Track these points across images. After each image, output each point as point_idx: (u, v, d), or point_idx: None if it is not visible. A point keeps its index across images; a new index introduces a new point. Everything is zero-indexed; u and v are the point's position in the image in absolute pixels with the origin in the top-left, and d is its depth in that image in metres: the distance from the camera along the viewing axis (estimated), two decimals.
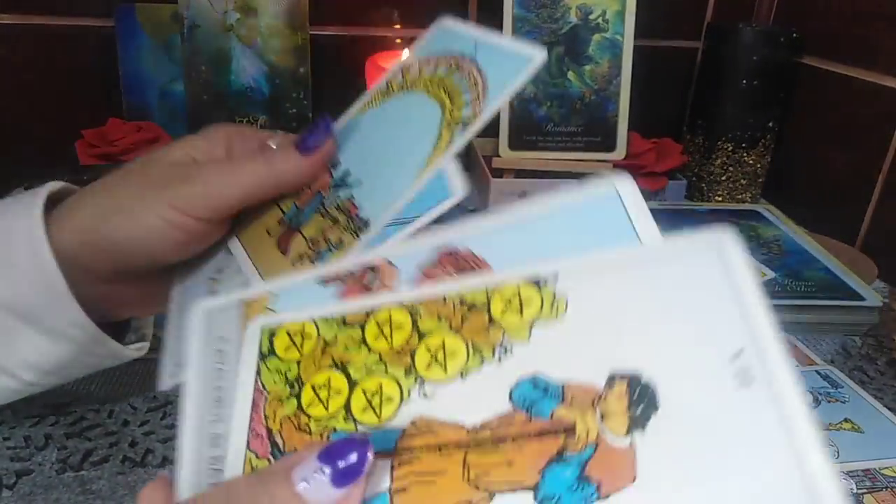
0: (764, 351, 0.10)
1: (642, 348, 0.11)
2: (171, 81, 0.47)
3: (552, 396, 0.11)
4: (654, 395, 0.10)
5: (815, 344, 0.32)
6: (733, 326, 0.10)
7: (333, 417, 0.12)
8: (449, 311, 0.12)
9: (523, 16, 0.44)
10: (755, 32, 0.44)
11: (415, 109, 0.18)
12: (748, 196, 0.48)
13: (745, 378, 0.10)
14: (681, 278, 0.11)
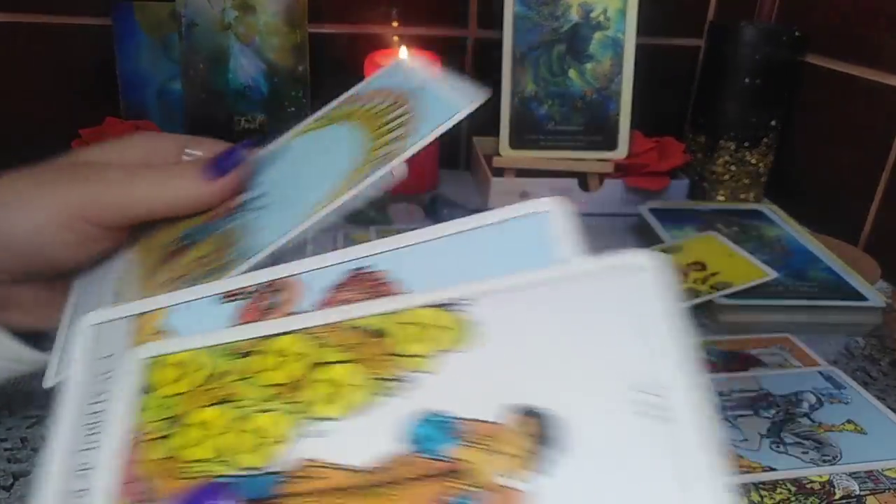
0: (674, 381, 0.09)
1: (549, 380, 0.10)
2: (169, 80, 0.46)
3: (449, 434, 0.10)
4: (557, 431, 0.10)
5: (818, 344, 0.32)
6: (643, 356, 0.10)
7: (211, 461, 0.11)
8: (349, 340, 0.11)
9: (524, 13, 0.44)
10: (758, 30, 0.44)
11: (342, 141, 0.18)
12: (751, 195, 0.48)
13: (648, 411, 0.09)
14: (596, 303, 0.11)
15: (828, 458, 0.24)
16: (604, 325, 0.11)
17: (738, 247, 0.37)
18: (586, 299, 0.11)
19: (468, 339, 0.11)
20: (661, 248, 0.38)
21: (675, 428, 0.09)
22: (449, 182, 0.51)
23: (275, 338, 0.12)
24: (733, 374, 0.29)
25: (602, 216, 0.46)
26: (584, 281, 0.11)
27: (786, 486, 0.23)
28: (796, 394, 0.28)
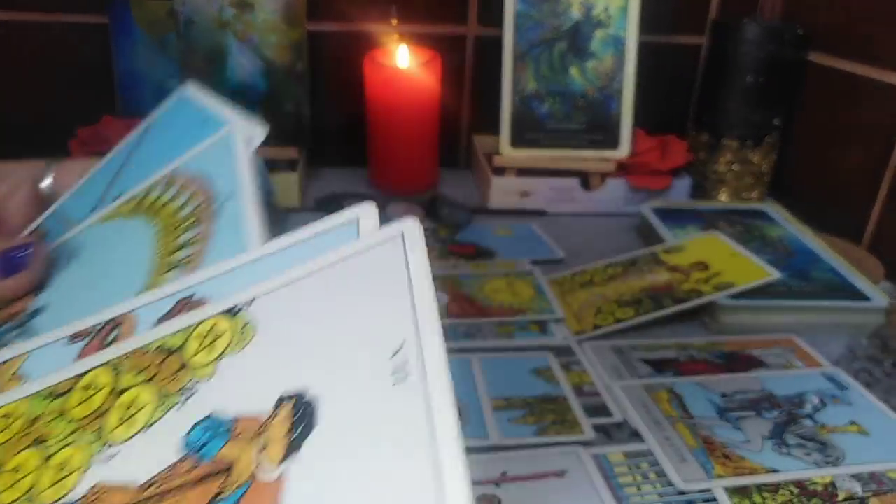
0: (421, 343, 0.10)
1: (314, 361, 0.10)
2: (167, 78, 0.46)
3: (222, 434, 0.11)
4: (314, 412, 0.10)
5: (821, 345, 0.32)
6: (400, 321, 0.10)
7: (19, 500, 0.11)
8: (148, 362, 0.12)
9: (525, 11, 0.43)
10: (760, 29, 0.43)
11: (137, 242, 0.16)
12: (754, 195, 0.48)
13: (401, 374, 0.10)
14: (363, 276, 0.11)
15: (831, 459, 0.24)
16: (365, 300, 0.11)
17: (740, 247, 0.36)
18: (350, 279, 0.11)
19: (245, 339, 0.11)
20: (664, 248, 0.38)
21: (417, 386, 0.09)
22: (449, 181, 0.51)
23: (84, 374, 0.12)
24: (736, 374, 0.29)
25: (604, 216, 0.46)
26: (347, 263, 0.12)
27: (788, 487, 0.23)
28: (799, 395, 0.28)
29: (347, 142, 0.51)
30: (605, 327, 0.31)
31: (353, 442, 0.09)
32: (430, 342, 0.10)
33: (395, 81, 0.44)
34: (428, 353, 0.10)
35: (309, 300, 0.11)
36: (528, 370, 0.28)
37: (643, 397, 0.27)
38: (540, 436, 0.24)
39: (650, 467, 0.23)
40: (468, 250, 0.39)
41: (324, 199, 0.45)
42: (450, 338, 0.34)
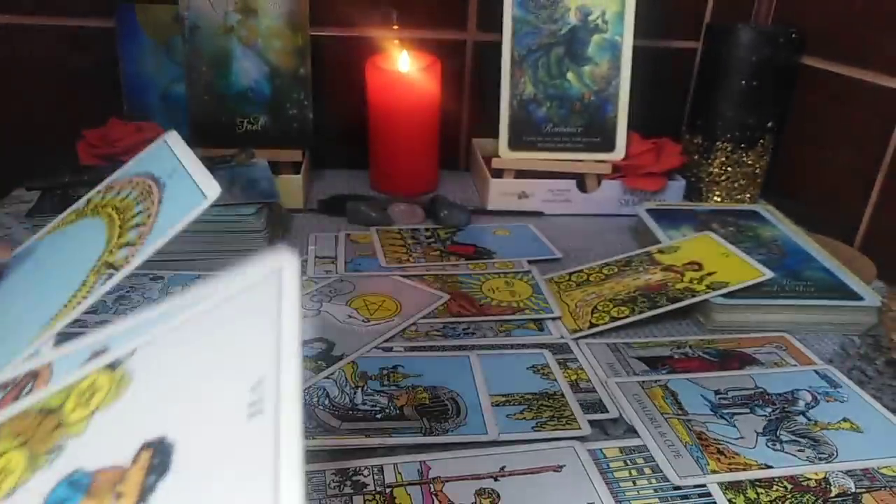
0: (279, 379, 0.10)
1: (177, 406, 0.11)
2: (172, 82, 0.47)
3: (81, 490, 0.10)
4: (170, 455, 0.10)
5: (814, 343, 0.32)
6: (261, 357, 0.10)
7: None
8: (27, 424, 0.12)
9: (523, 17, 0.44)
10: (754, 33, 0.44)
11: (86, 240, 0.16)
12: (747, 196, 0.48)
13: (256, 408, 0.10)
14: (237, 316, 0.11)
15: (824, 455, 0.25)
16: (231, 340, 0.11)
17: (734, 247, 0.37)
18: (222, 321, 0.11)
19: (120, 391, 0.11)
20: (658, 248, 0.38)
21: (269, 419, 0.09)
22: (449, 183, 0.52)
23: None
24: (729, 372, 0.29)
25: (600, 216, 0.47)
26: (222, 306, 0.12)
27: (782, 483, 0.23)
28: (792, 392, 0.28)
29: (350, 144, 0.51)
30: (601, 325, 0.32)
31: (203, 478, 0.10)
32: (287, 377, 0.10)
33: (397, 85, 0.45)
34: (284, 386, 0.09)
35: (180, 346, 0.12)
36: (526, 367, 0.29)
37: (639, 394, 0.27)
38: (537, 431, 0.25)
39: (645, 462, 0.24)
40: (467, 250, 0.40)
41: (327, 200, 0.46)
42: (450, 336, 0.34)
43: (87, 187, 0.36)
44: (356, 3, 0.48)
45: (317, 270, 0.36)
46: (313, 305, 0.33)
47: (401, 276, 0.36)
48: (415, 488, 0.22)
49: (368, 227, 0.42)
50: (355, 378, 0.27)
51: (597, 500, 0.22)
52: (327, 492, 0.22)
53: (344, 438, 0.24)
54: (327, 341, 0.30)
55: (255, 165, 0.41)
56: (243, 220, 0.35)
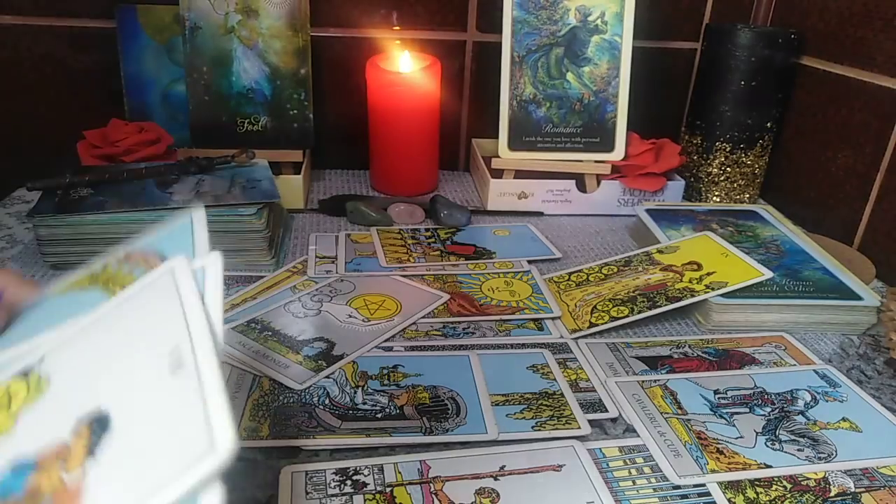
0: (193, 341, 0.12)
1: (103, 383, 0.12)
2: (173, 82, 0.47)
3: (24, 473, 0.11)
4: (107, 419, 0.11)
5: (814, 343, 0.32)
6: (175, 329, 0.12)
7: None
8: None
9: (523, 17, 0.44)
10: (753, 33, 0.44)
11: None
12: (746, 196, 0.48)
13: (177, 365, 0.11)
14: (140, 307, 0.13)
15: (823, 455, 0.25)
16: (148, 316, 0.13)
17: (733, 247, 0.37)
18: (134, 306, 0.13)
19: (41, 390, 0.12)
20: (658, 248, 0.38)
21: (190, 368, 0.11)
22: (449, 183, 0.52)
23: None
24: (728, 371, 0.29)
25: (599, 216, 0.47)
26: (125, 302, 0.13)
27: (781, 483, 0.23)
28: (792, 392, 0.28)
29: (350, 144, 0.51)
30: (601, 325, 0.32)
31: (142, 425, 0.11)
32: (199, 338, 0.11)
33: (397, 86, 0.45)
34: (199, 345, 0.11)
35: (94, 339, 0.13)
36: (526, 367, 0.29)
37: (638, 393, 0.27)
38: (537, 431, 0.25)
39: (645, 462, 0.24)
40: (467, 250, 0.40)
41: (327, 200, 0.46)
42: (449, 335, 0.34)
43: (88, 187, 0.36)
44: (356, 4, 0.48)
45: (317, 270, 0.36)
46: (314, 305, 0.33)
47: (401, 276, 0.36)
48: (415, 487, 0.22)
49: (368, 227, 0.43)
50: (355, 377, 0.27)
51: (596, 500, 0.22)
52: (328, 491, 0.22)
53: (344, 438, 0.24)
54: (328, 341, 0.30)
55: (256, 166, 0.41)
56: (244, 220, 0.35)
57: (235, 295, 0.33)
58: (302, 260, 0.38)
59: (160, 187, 0.37)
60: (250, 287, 0.34)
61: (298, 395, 0.26)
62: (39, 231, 0.34)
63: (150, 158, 0.42)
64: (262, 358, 0.28)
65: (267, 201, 0.36)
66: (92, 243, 0.34)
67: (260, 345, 0.29)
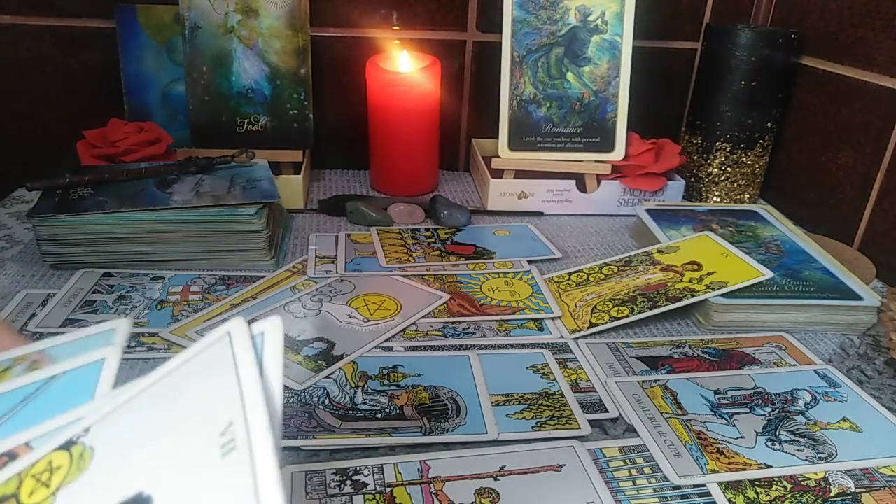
0: (247, 419, 0.11)
1: (148, 463, 0.11)
2: (173, 82, 0.47)
3: None
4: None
5: (814, 343, 0.32)
6: (229, 405, 0.11)
7: None
8: None
9: (523, 17, 0.44)
10: (753, 33, 0.44)
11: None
12: (746, 196, 0.48)
13: (227, 448, 0.10)
14: (193, 377, 0.12)
15: (823, 455, 0.25)
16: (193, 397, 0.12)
17: (733, 247, 0.37)
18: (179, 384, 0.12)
19: (84, 465, 0.12)
20: (658, 248, 0.38)
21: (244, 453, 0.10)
22: (449, 183, 0.52)
23: None
24: (729, 371, 0.29)
25: (599, 216, 0.47)
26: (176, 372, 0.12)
27: (781, 483, 0.23)
28: (792, 392, 0.28)
29: (350, 144, 0.51)
30: (601, 325, 0.32)
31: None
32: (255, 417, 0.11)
33: (397, 86, 0.45)
34: (253, 426, 0.10)
35: (141, 412, 0.12)
36: (526, 367, 0.29)
37: (638, 393, 0.27)
38: (537, 431, 0.25)
39: (645, 462, 0.24)
40: (467, 250, 0.40)
41: (327, 200, 0.46)
42: (449, 336, 0.34)
43: (88, 187, 0.36)
44: (356, 4, 0.48)
45: (317, 270, 0.36)
46: (314, 305, 0.33)
47: (401, 276, 0.36)
48: (415, 488, 0.22)
49: (368, 227, 0.42)
50: (355, 378, 0.27)
51: (596, 500, 0.22)
52: (327, 491, 0.22)
53: (344, 438, 0.24)
54: (328, 341, 0.30)
55: (256, 165, 0.41)
56: (244, 220, 0.35)
57: (235, 295, 0.33)
58: (302, 260, 0.37)
59: (160, 187, 0.37)
60: (250, 287, 0.34)
61: (298, 395, 0.26)
62: (39, 231, 0.34)
63: (149, 158, 0.42)
64: None
65: (267, 201, 0.36)
66: (92, 243, 0.34)
67: None
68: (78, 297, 0.32)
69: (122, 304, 0.32)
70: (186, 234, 0.35)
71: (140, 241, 0.35)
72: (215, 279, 0.35)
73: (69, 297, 0.32)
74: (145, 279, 0.34)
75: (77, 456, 0.12)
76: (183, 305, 0.32)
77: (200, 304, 0.32)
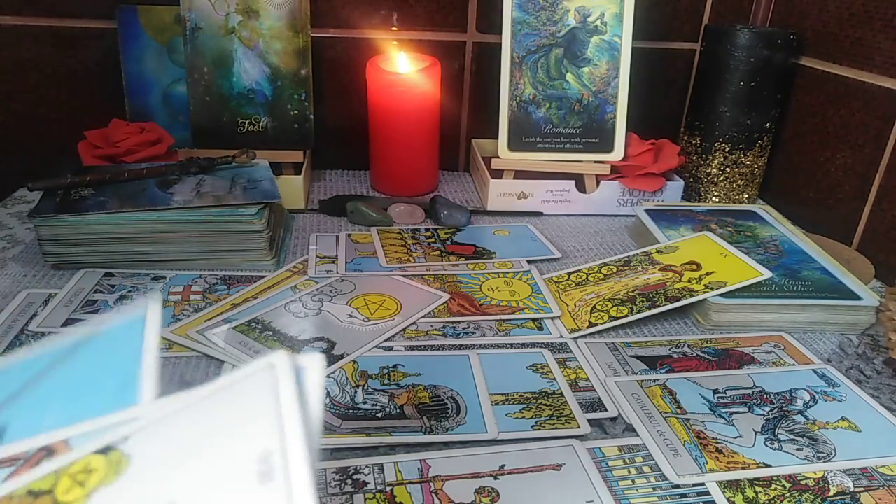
0: (286, 450, 0.11)
1: (184, 479, 0.11)
2: (174, 83, 0.47)
3: None
4: None
5: (813, 343, 0.32)
6: (269, 433, 0.11)
7: None
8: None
9: (522, 18, 0.45)
10: (752, 34, 0.44)
11: None
12: (745, 196, 0.49)
13: (266, 476, 0.11)
14: (235, 400, 0.12)
15: (822, 454, 0.25)
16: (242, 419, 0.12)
17: (732, 247, 0.37)
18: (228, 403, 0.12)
19: (120, 471, 0.12)
20: (657, 248, 0.38)
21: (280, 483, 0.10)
22: (449, 183, 0.52)
23: None
24: (727, 371, 0.30)
25: (599, 217, 0.47)
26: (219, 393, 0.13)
27: (780, 482, 0.23)
28: (791, 391, 0.28)
29: (350, 145, 0.52)
30: (600, 325, 0.32)
31: None
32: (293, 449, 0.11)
33: (397, 86, 0.45)
34: (292, 456, 0.11)
35: (180, 429, 0.12)
36: (526, 366, 0.29)
37: (637, 393, 0.28)
38: (537, 430, 0.25)
39: (644, 461, 0.24)
40: (467, 250, 0.40)
41: (327, 200, 0.46)
42: (449, 335, 0.34)
43: (89, 188, 0.36)
44: (357, 5, 0.48)
45: (318, 270, 0.36)
46: (314, 305, 0.33)
47: (401, 275, 0.36)
48: (415, 487, 0.22)
49: (369, 227, 0.43)
50: (356, 377, 0.28)
51: (596, 499, 0.22)
52: (328, 490, 0.22)
53: (344, 437, 0.24)
54: (328, 340, 0.30)
55: (257, 166, 0.41)
56: (244, 221, 0.35)
57: (236, 295, 0.33)
58: (302, 260, 0.38)
59: (161, 187, 0.37)
60: (251, 287, 0.34)
61: None
62: (40, 231, 0.34)
63: (151, 159, 0.42)
64: None
65: (267, 201, 0.36)
66: (93, 243, 0.34)
67: (260, 344, 0.29)
68: (79, 297, 0.32)
69: (123, 304, 0.32)
70: (187, 235, 0.35)
71: (141, 241, 0.35)
72: (216, 279, 0.35)
73: (70, 297, 0.32)
74: (146, 279, 0.34)
75: (115, 462, 0.12)
76: (184, 305, 0.32)
77: (201, 304, 0.32)
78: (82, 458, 0.12)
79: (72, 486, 0.12)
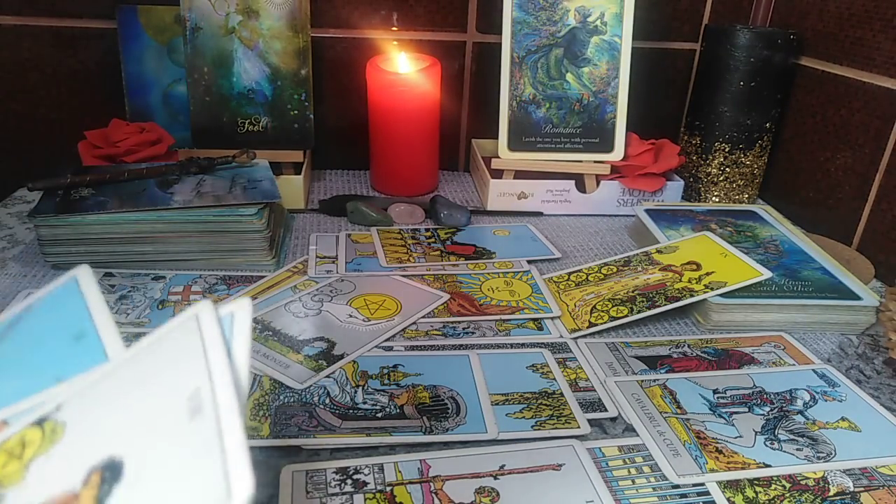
0: (214, 384, 0.11)
1: (120, 430, 0.12)
2: (174, 83, 0.47)
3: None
4: (120, 467, 0.11)
5: (812, 343, 0.32)
6: (196, 373, 0.12)
7: None
8: None
9: (522, 18, 0.45)
10: (752, 34, 0.44)
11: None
12: (745, 196, 0.49)
13: (196, 410, 0.11)
14: (162, 352, 0.13)
15: (822, 454, 0.25)
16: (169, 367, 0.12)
17: (732, 247, 0.37)
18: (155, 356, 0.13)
19: (56, 438, 0.12)
20: (657, 248, 0.38)
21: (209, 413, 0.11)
22: (449, 183, 0.52)
23: None
24: (727, 371, 0.30)
25: (599, 217, 0.47)
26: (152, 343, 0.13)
27: (780, 482, 0.23)
28: (791, 391, 0.28)
29: (350, 145, 0.52)
30: (600, 325, 0.32)
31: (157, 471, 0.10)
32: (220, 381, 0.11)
33: (397, 86, 0.45)
34: (219, 388, 0.11)
35: (111, 387, 0.12)
36: (526, 366, 0.29)
37: (637, 393, 0.28)
38: (537, 430, 0.25)
39: (644, 461, 0.24)
40: (467, 250, 0.40)
41: (327, 200, 0.46)
42: (449, 335, 0.34)
43: (89, 188, 0.36)
44: (357, 5, 0.48)
45: (318, 270, 0.36)
46: (314, 305, 0.33)
47: (401, 275, 0.36)
48: (415, 487, 0.22)
49: (369, 227, 0.43)
50: (356, 377, 0.28)
51: (596, 499, 0.22)
52: (328, 490, 0.22)
53: (344, 437, 0.24)
54: (328, 341, 0.30)
55: (257, 166, 0.41)
56: (244, 221, 0.35)
57: (236, 295, 0.33)
58: (302, 260, 0.38)
59: (161, 187, 0.37)
60: (251, 287, 0.34)
61: (299, 394, 0.26)
62: (40, 231, 0.34)
63: (151, 159, 0.42)
64: (262, 357, 0.28)
65: (267, 201, 0.36)
66: (93, 243, 0.34)
67: (261, 344, 0.29)
68: None
69: (123, 304, 0.32)
70: (187, 234, 0.35)
71: (141, 241, 0.35)
72: (216, 279, 0.35)
73: None
74: (146, 279, 0.34)
75: (49, 431, 0.12)
76: (184, 305, 0.32)
77: None
78: (17, 432, 0.12)
79: (8, 460, 0.12)
